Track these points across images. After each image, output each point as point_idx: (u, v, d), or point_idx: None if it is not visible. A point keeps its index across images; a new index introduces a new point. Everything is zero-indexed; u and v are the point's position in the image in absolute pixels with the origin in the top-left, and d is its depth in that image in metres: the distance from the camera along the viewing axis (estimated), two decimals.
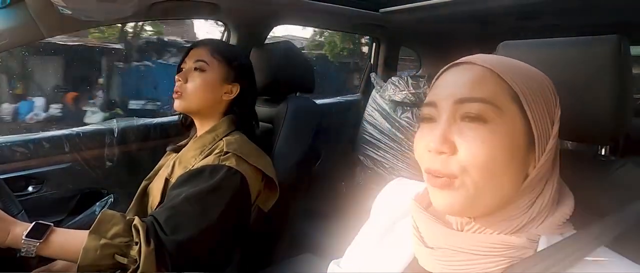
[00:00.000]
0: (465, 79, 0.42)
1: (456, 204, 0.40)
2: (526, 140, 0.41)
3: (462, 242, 0.42)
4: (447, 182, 0.40)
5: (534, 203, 0.42)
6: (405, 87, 1.76)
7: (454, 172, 0.40)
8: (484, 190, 0.39)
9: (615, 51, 0.52)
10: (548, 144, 0.41)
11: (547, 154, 0.41)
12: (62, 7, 0.89)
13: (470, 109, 0.40)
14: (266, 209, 0.98)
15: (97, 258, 0.72)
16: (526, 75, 0.42)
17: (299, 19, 1.63)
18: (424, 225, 0.46)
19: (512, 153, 0.39)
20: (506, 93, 0.41)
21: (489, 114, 0.40)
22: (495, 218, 0.42)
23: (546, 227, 0.41)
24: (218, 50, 0.96)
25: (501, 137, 0.39)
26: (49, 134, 1.16)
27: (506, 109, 0.40)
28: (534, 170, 0.41)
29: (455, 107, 0.41)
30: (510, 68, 0.42)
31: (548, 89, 0.43)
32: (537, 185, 0.42)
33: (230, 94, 0.97)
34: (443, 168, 0.40)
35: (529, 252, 0.40)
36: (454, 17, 1.52)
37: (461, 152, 0.40)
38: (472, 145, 0.39)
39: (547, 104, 0.42)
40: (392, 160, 1.75)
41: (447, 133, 0.41)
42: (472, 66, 0.43)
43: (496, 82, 0.41)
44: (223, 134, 0.94)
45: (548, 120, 0.42)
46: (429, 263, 0.44)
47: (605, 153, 0.59)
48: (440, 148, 0.40)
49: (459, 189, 0.40)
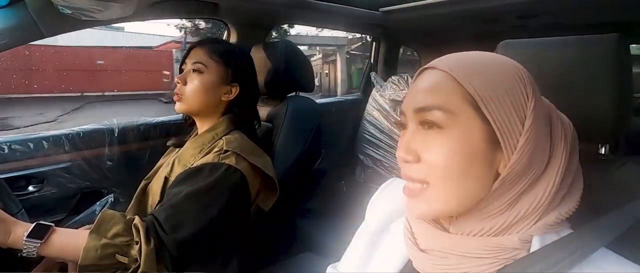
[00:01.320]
0: (425, 85, 0.43)
1: (426, 211, 0.42)
2: (489, 141, 0.40)
3: (453, 245, 0.42)
4: (414, 191, 0.42)
5: (517, 203, 0.41)
6: (405, 86, 1.76)
7: (420, 178, 0.42)
8: (448, 194, 0.40)
9: (615, 50, 0.52)
10: (519, 142, 0.40)
11: (518, 153, 0.39)
12: (62, 7, 0.90)
13: (428, 116, 0.41)
14: (266, 208, 0.98)
15: (98, 258, 0.72)
16: (487, 73, 0.41)
17: (299, 18, 1.63)
18: (416, 226, 0.47)
19: (471, 155, 0.40)
20: (462, 97, 0.41)
21: (444, 120, 0.40)
22: (474, 217, 0.42)
23: (540, 227, 0.40)
24: (216, 51, 0.96)
25: (457, 142, 0.40)
26: (49, 133, 1.16)
27: (461, 112, 0.40)
28: (506, 168, 0.40)
29: (416, 116, 0.43)
30: (469, 68, 0.42)
31: (516, 82, 0.41)
32: (514, 184, 0.40)
33: (229, 95, 0.97)
34: (412, 173, 0.42)
35: (522, 253, 0.40)
36: (454, 16, 1.52)
37: (424, 159, 0.41)
38: (432, 152, 0.41)
39: (513, 101, 0.40)
40: (392, 159, 1.75)
41: (411, 142, 0.43)
42: (434, 71, 0.44)
43: (452, 86, 0.41)
44: (223, 133, 0.94)
45: (515, 117, 0.40)
46: (423, 265, 0.44)
47: (605, 152, 0.59)
48: (404, 157, 0.43)
49: (424, 196, 0.42)
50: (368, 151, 1.84)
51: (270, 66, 1.22)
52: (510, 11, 1.37)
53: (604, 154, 0.59)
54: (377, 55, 2.07)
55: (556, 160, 0.41)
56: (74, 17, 0.96)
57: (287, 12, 1.52)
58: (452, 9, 1.43)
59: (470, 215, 0.42)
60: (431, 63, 0.45)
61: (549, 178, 0.41)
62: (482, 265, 0.40)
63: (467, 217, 0.42)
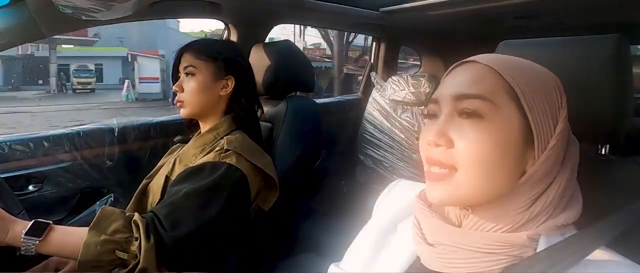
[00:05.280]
0: (466, 76, 0.44)
1: (449, 196, 0.42)
2: (524, 138, 0.41)
3: (462, 239, 0.42)
4: (441, 175, 0.42)
5: (535, 202, 0.41)
6: (405, 87, 1.76)
7: (449, 163, 0.42)
8: (476, 183, 0.41)
9: (615, 51, 0.52)
10: (549, 143, 0.41)
11: (548, 152, 0.41)
12: (62, 6, 0.90)
13: (468, 104, 0.42)
14: (266, 208, 0.98)
15: (98, 254, 0.72)
16: (528, 74, 0.43)
17: (299, 18, 1.63)
18: (425, 221, 0.47)
19: (506, 149, 0.40)
20: (504, 90, 0.42)
21: (485, 110, 0.41)
22: (493, 213, 0.42)
23: (547, 227, 0.41)
24: (201, 50, 0.96)
25: (496, 132, 0.40)
26: (49, 133, 1.16)
27: (503, 106, 0.41)
28: (535, 166, 0.41)
29: (454, 104, 0.43)
30: (511, 66, 0.43)
31: (553, 89, 0.43)
32: (538, 183, 0.41)
33: (227, 88, 0.98)
34: (440, 157, 0.42)
35: (529, 251, 0.40)
36: (454, 16, 1.52)
37: (457, 146, 0.41)
38: (467, 139, 0.41)
39: (550, 103, 0.42)
40: (392, 159, 1.75)
41: (445, 128, 0.42)
42: (475, 64, 0.45)
43: (495, 80, 0.42)
44: (224, 132, 0.95)
45: (550, 119, 0.42)
46: (430, 260, 0.44)
47: (605, 152, 0.59)
48: (437, 141, 0.42)
49: (452, 182, 0.42)
50: (368, 151, 1.84)
51: (270, 66, 1.22)
52: (510, 11, 1.38)
53: (604, 154, 0.59)
54: (377, 56, 2.07)
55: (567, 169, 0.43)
56: (74, 16, 0.96)
57: (287, 12, 1.52)
58: (452, 9, 1.43)
59: (488, 209, 0.43)
60: (472, 58, 0.46)
61: (560, 183, 0.42)
62: (490, 260, 0.40)
63: (485, 212, 0.43)
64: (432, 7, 1.45)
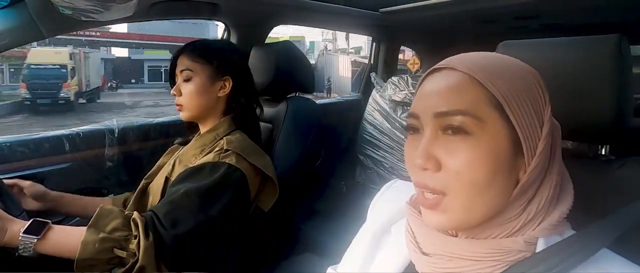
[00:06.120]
0: (445, 87, 0.41)
1: (446, 223, 0.40)
2: (512, 146, 0.39)
3: (459, 249, 0.41)
4: (434, 202, 0.40)
5: (528, 206, 0.40)
6: (405, 87, 1.76)
7: (441, 189, 0.39)
8: (472, 205, 0.39)
9: (615, 51, 0.52)
10: (538, 147, 0.39)
11: (537, 158, 0.39)
12: (62, 7, 0.89)
13: (452, 121, 0.39)
14: (266, 209, 0.98)
15: (96, 252, 0.72)
16: (510, 76, 0.40)
17: (299, 18, 1.63)
18: (418, 231, 0.45)
19: (497, 164, 0.38)
20: (487, 100, 0.39)
21: (471, 126, 0.38)
22: (489, 225, 0.41)
23: (544, 229, 0.40)
24: (196, 53, 0.96)
25: (485, 149, 0.38)
26: (49, 133, 1.16)
27: (488, 118, 0.39)
28: (526, 175, 0.39)
29: (436, 121, 0.40)
30: (491, 71, 0.40)
31: (535, 86, 0.41)
32: (529, 188, 0.40)
33: (225, 89, 0.97)
34: (430, 183, 0.40)
35: (527, 255, 0.39)
36: (454, 17, 1.52)
37: (446, 167, 0.39)
38: (455, 159, 0.39)
39: (534, 104, 0.40)
40: (392, 160, 1.75)
41: (431, 148, 0.40)
42: (452, 72, 0.41)
43: (476, 89, 0.39)
44: (224, 133, 0.95)
45: (536, 121, 0.40)
46: (426, 269, 0.44)
47: (605, 152, 0.59)
48: (424, 165, 0.40)
49: (447, 210, 0.40)
50: (368, 152, 1.84)
51: (270, 67, 1.22)
52: (510, 12, 1.37)
53: (604, 154, 0.59)
54: (377, 56, 2.07)
55: (556, 160, 0.42)
56: (74, 17, 0.96)
57: (287, 13, 1.52)
58: (452, 10, 1.43)
59: (486, 221, 0.41)
60: (447, 62, 0.43)
61: (551, 179, 0.41)
62: (487, 267, 0.40)
63: (482, 223, 0.41)
64: (432, 7, 1.45)
